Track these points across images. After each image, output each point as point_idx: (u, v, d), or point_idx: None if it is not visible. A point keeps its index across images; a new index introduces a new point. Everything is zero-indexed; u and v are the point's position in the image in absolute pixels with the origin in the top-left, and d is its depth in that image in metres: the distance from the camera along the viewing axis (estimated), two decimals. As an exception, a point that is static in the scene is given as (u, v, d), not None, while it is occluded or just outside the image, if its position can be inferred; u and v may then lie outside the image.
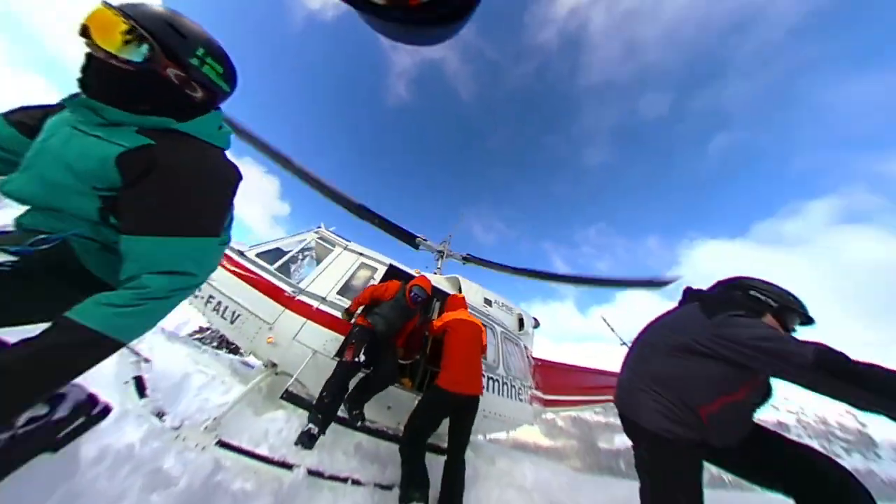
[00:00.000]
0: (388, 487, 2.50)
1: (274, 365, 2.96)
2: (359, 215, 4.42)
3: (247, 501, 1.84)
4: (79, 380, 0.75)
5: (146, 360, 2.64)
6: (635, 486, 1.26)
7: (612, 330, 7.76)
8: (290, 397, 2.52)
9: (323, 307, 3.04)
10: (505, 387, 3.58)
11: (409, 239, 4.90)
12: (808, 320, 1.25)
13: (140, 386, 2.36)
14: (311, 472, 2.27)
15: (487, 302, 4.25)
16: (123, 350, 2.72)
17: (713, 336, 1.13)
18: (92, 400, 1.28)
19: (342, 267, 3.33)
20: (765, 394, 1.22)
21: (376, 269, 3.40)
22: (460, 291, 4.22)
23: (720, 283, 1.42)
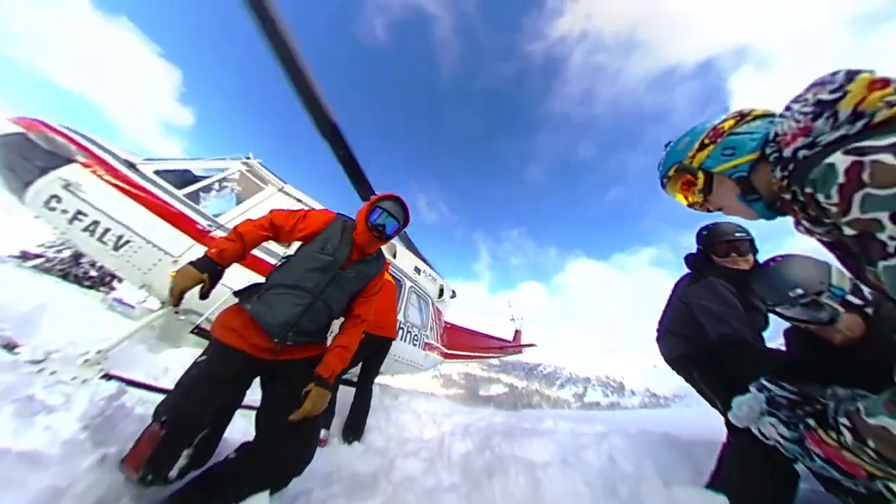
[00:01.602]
0: None
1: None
2: (327, 136, 3.12)
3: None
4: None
5: (-23, 280, 1.99)
6: (493, 412, 1.79)
7: (510, 307, 9.87)
8: (203, 333, 2.38)
9: (247, 248, 2.81)
10: (408, 335, 4.20)
11: (365, 190, 3.82)
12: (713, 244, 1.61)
13: (-28, 311, 1.82)
14: (224, 406, 2.30)
15: (417, 270, 4.73)
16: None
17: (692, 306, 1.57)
18: None
19: (274, 209, 3.06)
20: None
21: (314, 218, 3.23)
22: (395, 256, 4.47)
23: (697, 240, 1.73)
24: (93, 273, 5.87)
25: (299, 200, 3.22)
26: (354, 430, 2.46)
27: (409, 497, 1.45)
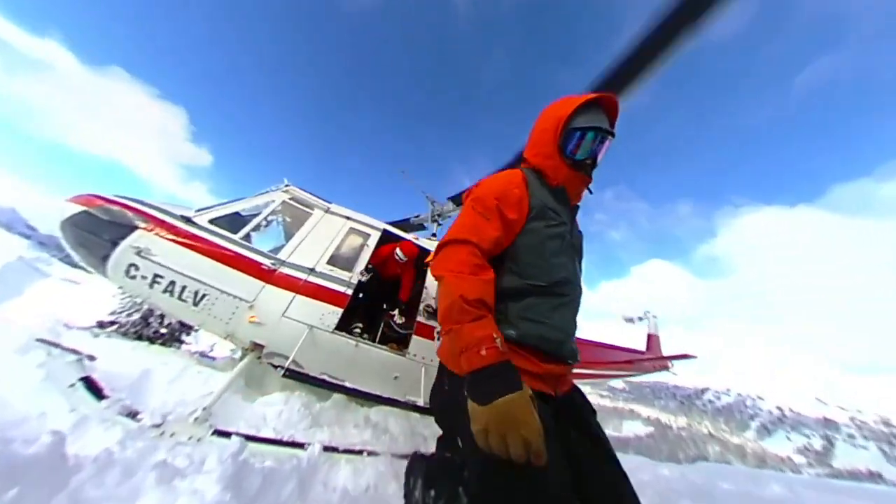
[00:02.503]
0: (406, 457, 2.47)
1: (258, 346, 2.64)
2: None
3: (274, 479, 1.74)
4: None
5: (90, 358, 2.07)
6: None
7: (633, 320, 6.10)
8: (293, 375, 2.30)
9: (313, 279, 2.75)
10: None
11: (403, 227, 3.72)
12: None
13: (93, 387, 1.87)
14: (326, 448, 2.19)
15: None
16: (53, 350, 2.09)
17: None
18: None
19: (328, 233, 2.97)
20: None
21: (369, 234, 3.09)
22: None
23: None
24: (162, 331, 6.34)
25: (349, 218, 3.13)
26: None
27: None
